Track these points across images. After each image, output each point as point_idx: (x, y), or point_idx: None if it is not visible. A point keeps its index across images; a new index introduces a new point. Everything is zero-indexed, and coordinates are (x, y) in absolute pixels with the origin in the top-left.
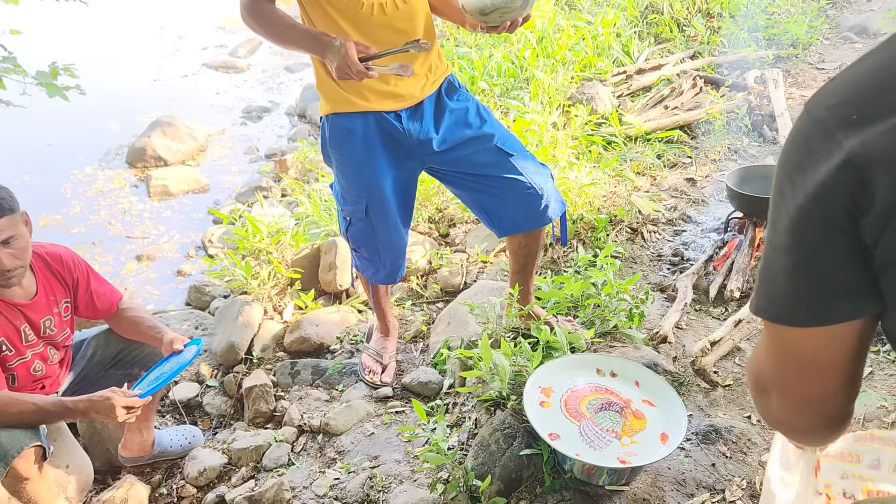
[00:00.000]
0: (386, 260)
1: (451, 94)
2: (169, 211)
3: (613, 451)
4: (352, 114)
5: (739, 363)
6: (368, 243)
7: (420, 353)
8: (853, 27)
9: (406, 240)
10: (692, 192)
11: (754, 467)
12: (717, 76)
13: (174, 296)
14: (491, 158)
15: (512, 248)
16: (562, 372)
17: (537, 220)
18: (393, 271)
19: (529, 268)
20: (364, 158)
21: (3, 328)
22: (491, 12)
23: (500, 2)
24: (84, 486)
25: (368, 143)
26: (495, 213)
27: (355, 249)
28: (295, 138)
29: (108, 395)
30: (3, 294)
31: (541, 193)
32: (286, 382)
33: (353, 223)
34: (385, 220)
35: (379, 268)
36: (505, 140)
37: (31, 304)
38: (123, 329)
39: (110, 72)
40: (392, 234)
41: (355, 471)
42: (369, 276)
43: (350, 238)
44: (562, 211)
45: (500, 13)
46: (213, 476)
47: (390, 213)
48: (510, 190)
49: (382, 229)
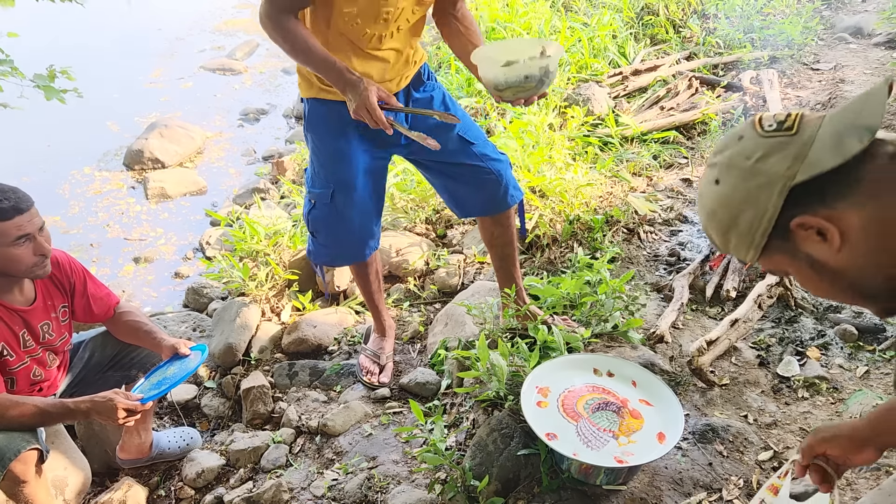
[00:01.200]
0: (345, 244)
1: (418, 87)
2: (166, 213)
3: (611, 451)
4: (328, 101)
5: (736, 363)
6: (328, 229)
7: (418, 354)
8: (848, 28)
9: (373, 230)
10: (688, 192)
11: (751, 466)
12: (712, 77)
13: (172, 298)
14: (454, 146)
15: (487, 240)
16: (559, 372)
17: (497, 206)
18: (350, 257)
19: (510, 260)
20: (336, 145)
21: (3, 334)
22: (505, 89)
23: (514, 81)
24: (82, 488)
25: (342, 131)
26: (459, 197)
27: (313, 233)
28: (292, 140)
29: (110, 396)
30: (4, 299)
31: (500, 180)
32: (284, 384)
33: (317, 207)
34: (350, 209)
35: (336, 254)
36: (467, 129)
37: (31, 309)
38: (121, 333)
39: (108, 74)
40: (357, 219)
41: (353, 471)
42: (324, 261)
43: (310, 221)
44: (519, 198)
45: (513, 91)
46: (211, 477)
47: (356, 202)
48: (472, 176)
49: (347, 217)
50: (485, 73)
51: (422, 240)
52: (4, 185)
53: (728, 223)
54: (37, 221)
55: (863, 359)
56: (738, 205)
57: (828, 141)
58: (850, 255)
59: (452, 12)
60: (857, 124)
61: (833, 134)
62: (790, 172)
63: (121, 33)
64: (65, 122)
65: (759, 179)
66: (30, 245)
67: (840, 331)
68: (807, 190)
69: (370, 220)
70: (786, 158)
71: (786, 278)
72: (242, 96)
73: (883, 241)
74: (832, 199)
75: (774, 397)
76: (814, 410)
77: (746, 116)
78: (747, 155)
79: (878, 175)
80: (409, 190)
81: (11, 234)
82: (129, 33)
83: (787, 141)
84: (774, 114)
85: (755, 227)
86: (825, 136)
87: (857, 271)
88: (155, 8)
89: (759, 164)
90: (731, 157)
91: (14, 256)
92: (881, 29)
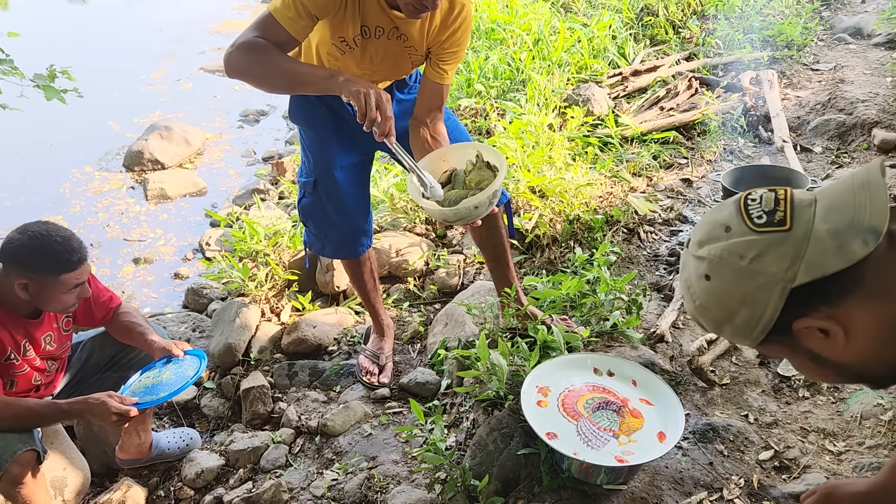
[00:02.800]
0: (333, 236)
1: (402, 88)
2: (166, 214)
3: (611, 450)
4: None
5: (736, 362)
6: (316, 218)
7: (417, 354)
8: (847, 28)
9: (360, 224)
10: (688, 192)
11: (752, 466)
12: (712, 77)
13: (172, 298)
14: None
15: (478, 242)
16: (559, 371)
17: None
18: (340, 248)
19: (503, 261)
20: (317, 136)
21: (6, 340)
22: (453, 222)
23: (464, 214)
24: (81, 488)
25: (324, 122)
26: None
27: (304, 223)
28: (292, 141)
29: (103, 398)
30: (9, 307)
31: None
32: (284, 384)
33: (306, 196)
34: (333, 200)
35: (325, 244)
36: (451, 131)
37: (35, 321)
38: (117, 333)
39: (108, 75)
40: (340, 213)
41: (353, 471)
42: (316, 250)
43: (300, 210)
44: (503, 201)
45: (461, 223)
46: (210, 478)
47: (339, 194)
48: None
49: (331, 207)
50: (433, 215)
51: (421, 240)
52: (69, 235)
53: (722, 319)
54: (87, 269)
55: None
56: (734, 304)
57: (829, 242)
58: (855, 349)
59: (424, 119)
60: (860, 225)
61: (833, 234)
62: (790, 274)
63: (121, 34)
64: (65, 122)
65: (756, 281)
66: (76, 291)
67: None
68: (808, 290)
69: (355, 214)
70: (783, 258)
71: None
72: (242, 98)
73: (893, 334)
74: (836, 297)
75: (775, 397)
76: (814, 410)
77: (746, 116)
78: (740, 254)
79: (881, 268)
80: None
81: (71, 283)
82: (129, 33)
83: (782, 238)
84: (762, 197)
85: (752, 324)
86: (824, 236)
87: (862, 364)
88: (155, 8)
89: (755, 265)
90: (721, 255)
91: (63, 301)
92: (881, 29)
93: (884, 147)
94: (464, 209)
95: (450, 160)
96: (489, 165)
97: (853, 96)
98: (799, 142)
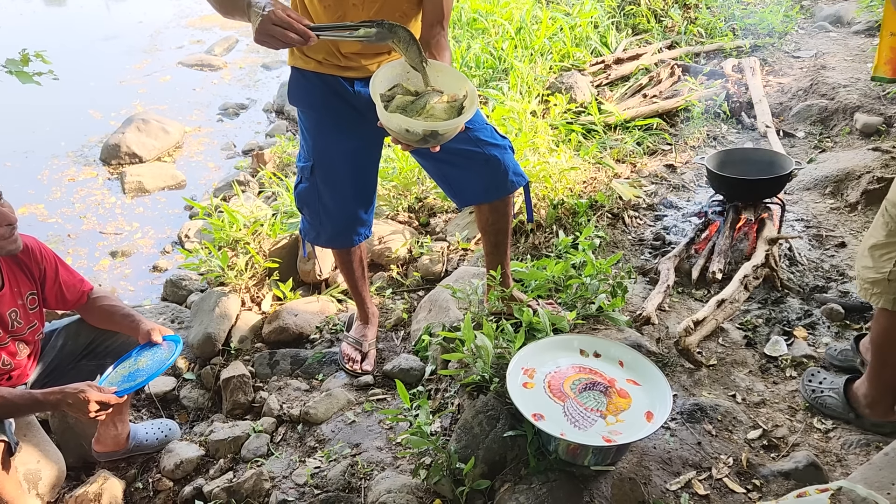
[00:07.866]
0: (327, 225)
1: None
2: (142, 207)
3: (598, 430)
4: (307, 71)
5: (723, 343)
6: (312, 205)
7: (401, 342)
8: (828, 16)
9: (357, 213)
10: (672, 177)
11: (740, 445)
12: (694, 65)
13: (150, 291)
14: None
15: (481, 226)
16: (545, 353)
17: (495, 192)
18: (334, 238)
19: (502, 248)
20: (315, 117)
21: None
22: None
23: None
24: (56, 482)
25: (322, 102)
26: (456, 184)
27: (300, 209)
28: (272, 134)
29: (82, 388)
30: None
31: (498, 165)
32: (265, 373)
33: (302, 181)
34: (330, 186)
35: (320, 232)
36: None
37: None
38: (96, 319)
39: (85, 67)
40: (336, 201)
41: (336, 459)
42: (310, 239)
43: (296, 196)
44: (522, 183)
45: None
46: (190, 469)
47: (337, 180)
48: (469, 161)
49: (327, 194)
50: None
51: (405, 228)
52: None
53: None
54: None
55: (850, 337)
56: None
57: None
58: None
59: (428, 40)
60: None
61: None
62: None
63: (98, 27)
64: (47, 109)
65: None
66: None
67: (826, 310)
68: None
69: (352, 201)
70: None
71: (771, 258)
72: (222, 91)
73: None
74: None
75: (762, 377)
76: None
77: (729, 103)
78: None
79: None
80: (391, 178)
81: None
82: (107, 27)
83: None
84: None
85: None
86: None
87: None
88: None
89: None
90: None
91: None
92: (860, 17)
93: (865, 131)
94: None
95: (442, 81)
96: (459, 110)
97: (835, 82)
98: (782, 127)
